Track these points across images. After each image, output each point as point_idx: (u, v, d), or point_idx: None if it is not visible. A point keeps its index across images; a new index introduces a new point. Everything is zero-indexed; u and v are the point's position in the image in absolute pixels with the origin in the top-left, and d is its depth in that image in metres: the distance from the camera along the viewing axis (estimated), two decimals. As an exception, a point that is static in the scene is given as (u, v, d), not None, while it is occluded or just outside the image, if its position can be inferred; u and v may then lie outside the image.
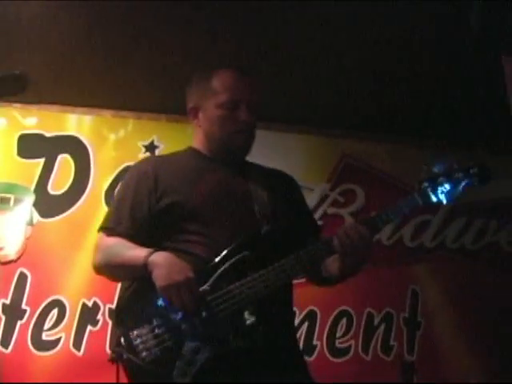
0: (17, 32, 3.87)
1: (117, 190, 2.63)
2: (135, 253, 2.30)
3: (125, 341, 2.23)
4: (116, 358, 2.26)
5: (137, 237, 2.38)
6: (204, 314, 2.19)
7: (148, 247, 2.32)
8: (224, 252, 2.27)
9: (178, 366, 2.14)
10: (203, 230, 2.34)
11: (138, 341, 2.19)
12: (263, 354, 2.21)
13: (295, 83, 4.54)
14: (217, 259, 2.26)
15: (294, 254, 2.29)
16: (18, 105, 4.54)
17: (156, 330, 2.20)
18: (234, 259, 2.25)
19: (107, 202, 4.52)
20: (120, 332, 2.27)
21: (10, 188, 4.47)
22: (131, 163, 4.52)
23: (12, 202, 4.45)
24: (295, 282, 2.45)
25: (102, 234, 2.46)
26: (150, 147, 4.71)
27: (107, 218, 2.49)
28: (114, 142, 4.75)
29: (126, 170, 4.54)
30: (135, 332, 2.21)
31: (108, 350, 4.25)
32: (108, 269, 2.44)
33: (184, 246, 2.34)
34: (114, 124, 4.78)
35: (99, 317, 4.37)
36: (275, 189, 2.52)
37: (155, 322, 2.21)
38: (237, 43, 4.04)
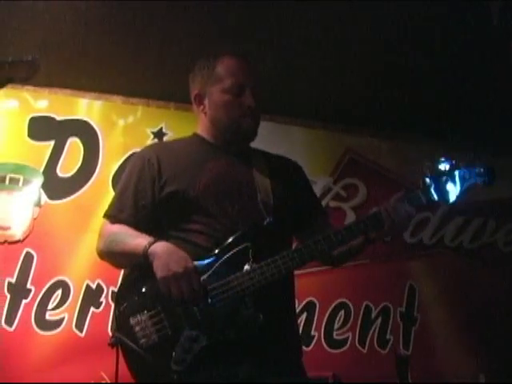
0: (30, 16, 3.92)
1: (121, 176, 2.60)
2: (136, 242, 2.30)
3: (124, 326, 2.25)
4: (115, 343, 2.28)
5: (139, 224, 2.39)
6: (203, 302, 2.20)
7: (151, 235, 2.33)
8: (225, 242, 2.28)
9: (176, 354, 2.16)
10: (205, 220, 2.35)
11: (137, 327, 2.21)
12: (260, 344, 2.23)
13: (301, 77, 4.58)
14: (218, 249, 2.27)
15: (303, 244, 2.31)
16: (30, 87, 4.56)
17: (155, 317, 2.22)
18: (235, 250, 2.26)
19: (114, 187, 4.55)
20: (120, 317, 2.29)
21: (20, 169, 4.51)
22: (139, 149, 4.62)
23: (21, 183, 4.50)
24: (295, 272, 2.45)
25: (105, 221, 2.47)
26: (159, 134, 4.76)
27: (111, 206, 2.50)
28: (123, 128, 4.80)
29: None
30: (135, 318, 2.23)
31: (110, 333, 4.33)
32: (110, 256, 2.46)
33: (186, 235, 2.34)
34: (124, 110, 4.83)
35: (102, 299, 4.43)
36: (279, 176, 2.50)
37: (155, 309, 2.22)
38: (245, 34, 4.07)
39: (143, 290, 2.28)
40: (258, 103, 2.45)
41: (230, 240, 2.27)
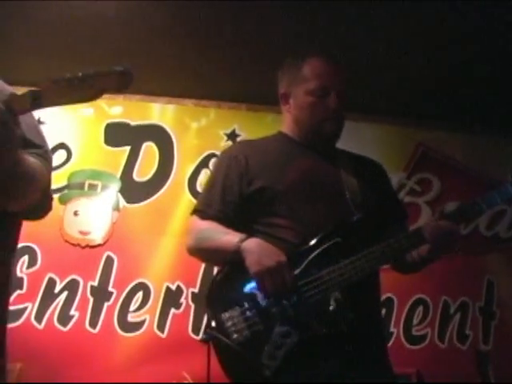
0: (102, 23, 4.01)
1: (209, 174, 2.67)
2: (227, 238, 2.32)
3: (216, 322, 2.25)
4: (207, 339, 2.30)
5: (227, 220, 2.41)
6: (294, 298, 2.20)
7: (238, 230, 2.35)
8: (316, 238, 2.27)
9: (267, 350, 2.16)
10: (293, 215, 2.35)
11: (229, 323, 2.22)
12: (350, 340, 2.21)
13: (370, 73, 4.55)
14: (308, 245, 2.27)
15: (385, 242, 2.29)
16: (104, 94, 4.63)
17: (247, 313, 2.22)
18: (325, 245, 2.26)
19: (190, 189, 4.69)
20: (211, 314, 2.30)
21: (98, 175, 4.64)
22: (214, 151, 4.70)
23: (99, 189, 4.62)
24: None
25: (194, 217, 2.49)
26: (232, 135, 4.81)
27: (199, 201, 2.54)
28: (196, 131, 4.86)
29: (208, 157, 4.73)
30: (226, 314, 2.23)
31: (191, 333, 4.41)
32: (200, 252, 2.47)
33: (273, 230, 2.35)
34: (196, 113, 4.89)
35: (182, 300, 4.49)
36: (365, 176, 2.50)
37: (246, 305, 2.23)
38: (314, 33, 4.05)
39: (234, 286, 2.29)
40: (342, 106, 2.44)
41: (321, 235, 2.27)
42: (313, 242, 2.27)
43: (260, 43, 4.17)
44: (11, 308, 4.11)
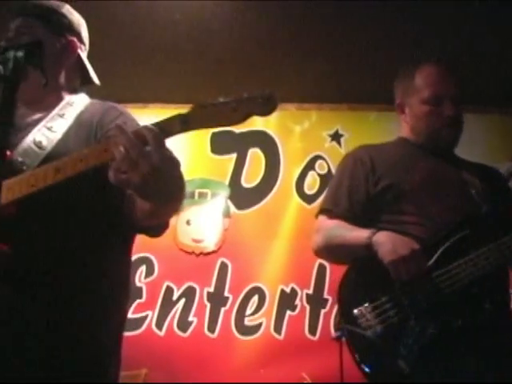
0: (205, 36, 4.13)
1: (334, 175, 2.74)
2: (357, 234, 2.36)
3: (349, 319, 2.27)
4: (342, 336, 2.31)
5: (354, 219, 2.45)
6: (429, 290, 2.21)
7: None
8: (445, 231, 2.29)
9: (404, 343, 2.16)
10: (419, 211, 2.38)
11: (362, 319, 2.24)
12: (487, 333, 2.20)
13: (474, 63, 4.49)
14: (438, 238, 2.29)
15: None
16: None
17: (379, 308, 2.23)
18: (455, 237, 2.27)
19: (298, 192, 4.75)
20: (343, 311, 2.33)
21: (207, 183, 4.76)
22: (319, 153, 4.76)
23: (209, 197, 4.73)
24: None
25: (322, 217, 2.55)
26: (335, 136, 4.86)
27: (325, 202, 2.60)
28: (300, 134, 4.92)
29: (314, 159, 4.80)
30: (359, 310, 2.25)
31: (307, 334, 4.46)
32: (329, 250, 2.51)
33: (400, 227, 2.37)
34: (298, 116, 4.94)
35: (297, 302, 4.54)
36: (485, 178, 2.53)
37: (378, 300, 2.24)
38: (417, 29, 4.04)
39: (365, 282, 2.33)
40: (459, 112, 2.49)
41: (450, 228, 2.29)
42: (443, 234, 2.29)
43: (357, 42, 4.18)
44: (133, 316, 4.33)
